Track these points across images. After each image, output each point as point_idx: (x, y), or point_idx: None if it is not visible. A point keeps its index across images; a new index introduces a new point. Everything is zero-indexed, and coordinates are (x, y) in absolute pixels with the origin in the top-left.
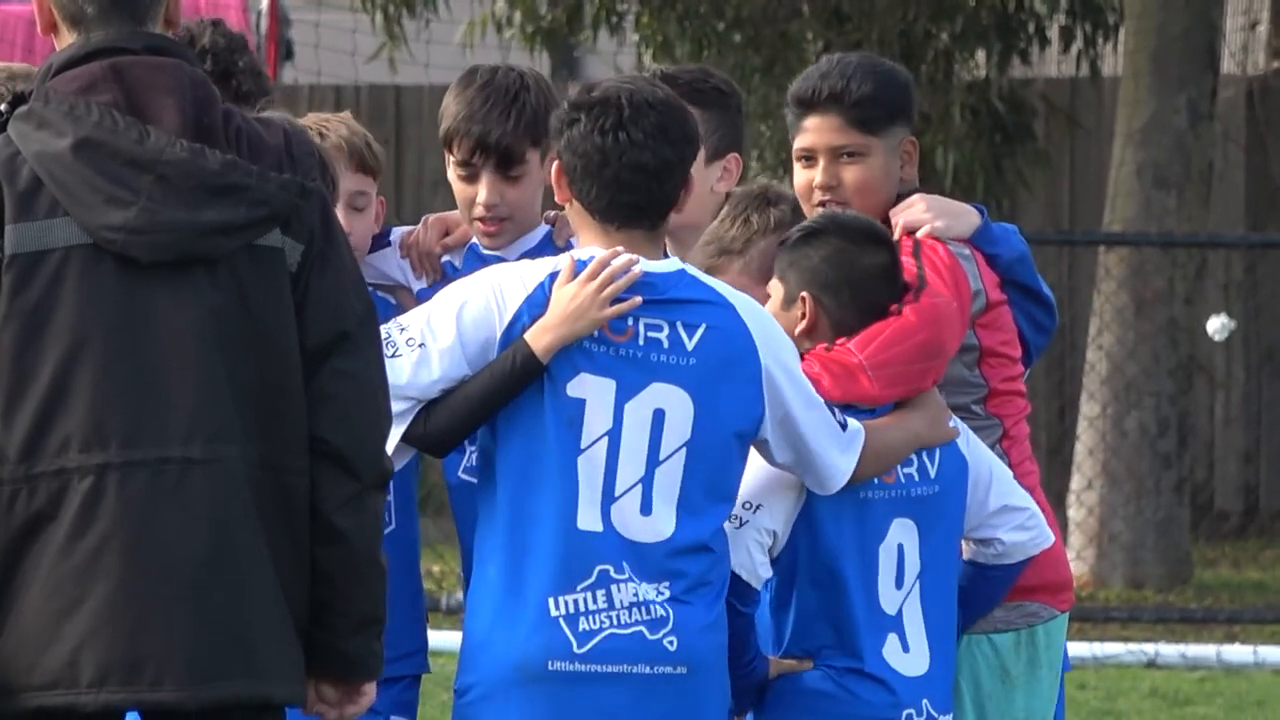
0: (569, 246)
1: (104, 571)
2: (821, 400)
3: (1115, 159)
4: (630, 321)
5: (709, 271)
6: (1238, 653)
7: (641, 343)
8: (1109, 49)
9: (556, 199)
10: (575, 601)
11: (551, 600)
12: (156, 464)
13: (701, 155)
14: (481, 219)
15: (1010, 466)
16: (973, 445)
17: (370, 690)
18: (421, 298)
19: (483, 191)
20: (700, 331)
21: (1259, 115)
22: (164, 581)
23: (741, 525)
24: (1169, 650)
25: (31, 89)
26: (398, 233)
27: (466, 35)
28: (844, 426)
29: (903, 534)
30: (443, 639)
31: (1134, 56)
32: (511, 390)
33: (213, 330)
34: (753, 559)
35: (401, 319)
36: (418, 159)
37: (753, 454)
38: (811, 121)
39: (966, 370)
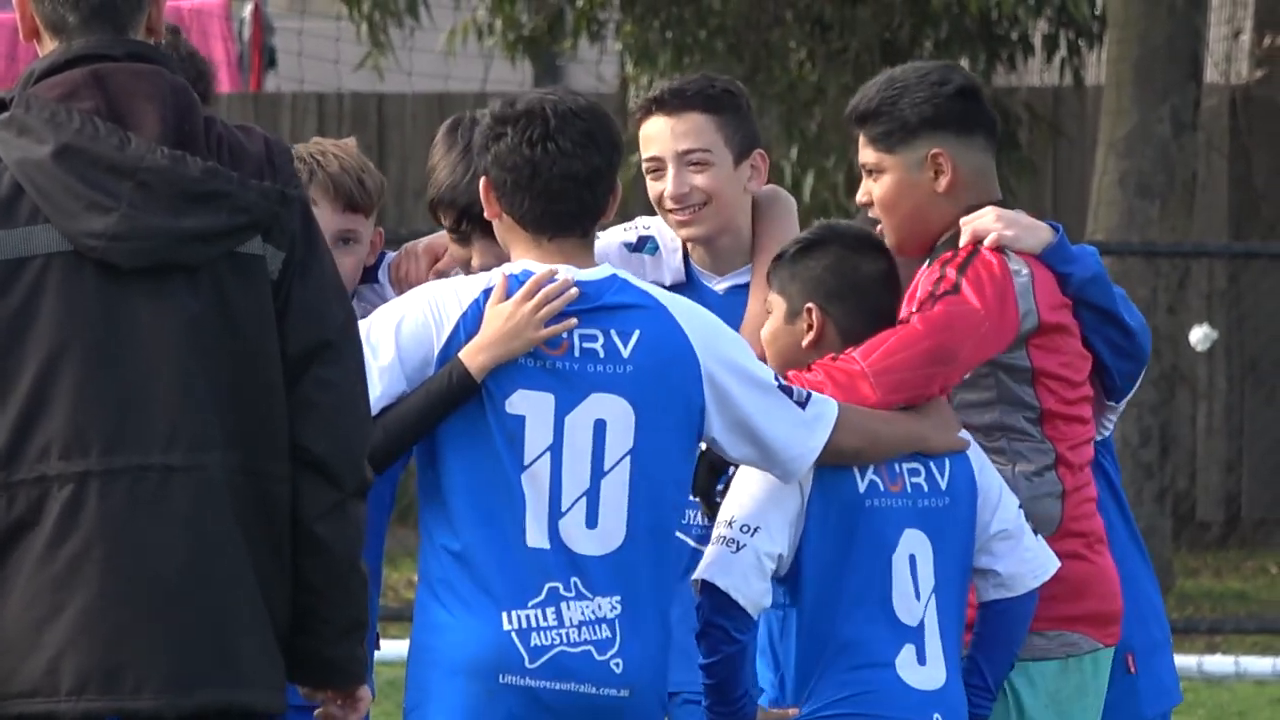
0: None
1: (84, 579)
2: (774, 384)
3: (1098, 168)
4: (565, 334)
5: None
6: (1219, 663)
7: (577, 354)
8: (1093, 58)
9: (486, 215)
10: (527, 617)
11: (505, 614)
12: (137, 471)
13: (730, 159)
14: None
15: (1064, 494)
16: (985, 464)
17: (365, 694)
18: None
19: (476, 256)
20: (635, 338)
21: (1242, 124)
22: (144, 589)
23: (739, 550)
24: None
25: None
26: (387, 260)
27: (448, 43)
28: (804, 405)
29: (915, 545)
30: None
31: (1117, 65)
32: (447, 408)
33: (193, 337)
34: (750, 586)
35: None
36: (401, 167)
37: (742, 469)
38: (859, 139)
39: (1018, 388)
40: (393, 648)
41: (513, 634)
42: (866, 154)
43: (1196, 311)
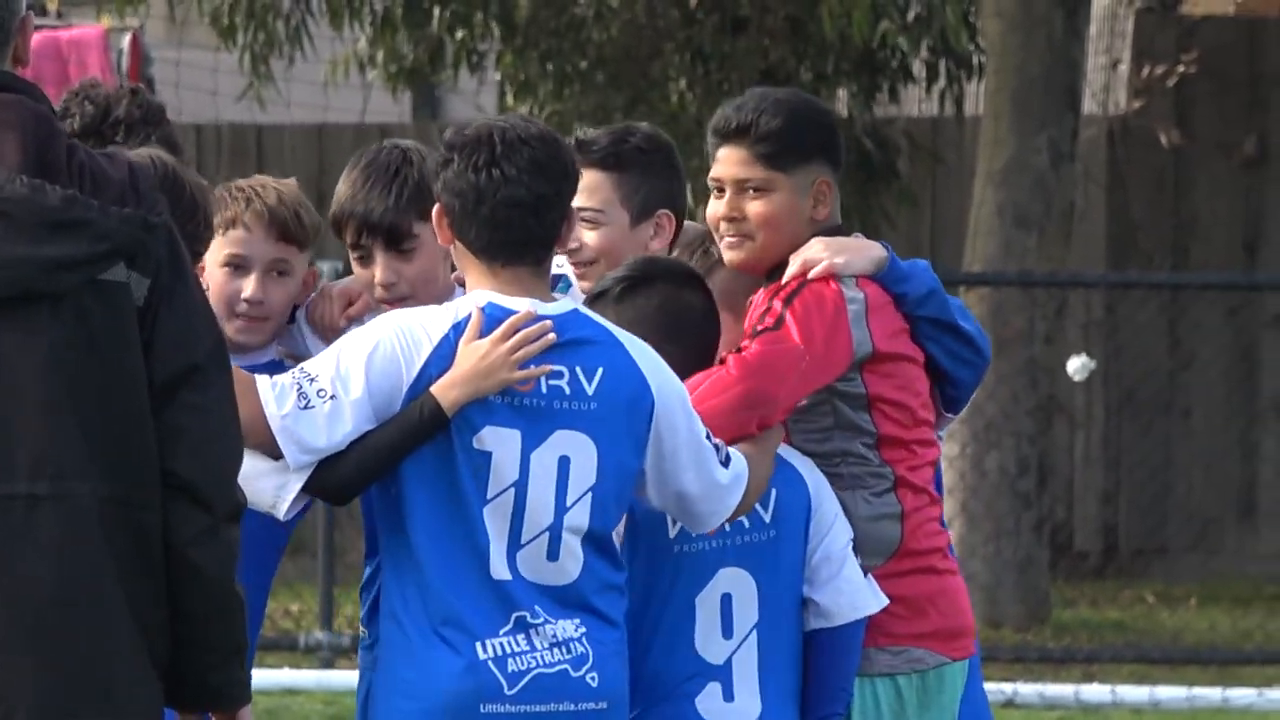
0: None
1: None
2: (706, 438)
3: (976, 198)
4: (533, 365)
5: None
6: (1096, 692)
7: (544, 390)
8: (972, 88)
9: (440, 241)
10: (501, 644)
11: (478, 644)
12: (3, 501)
13: (626, 218)
14: (383, 300)
15: (904, 515)
16: (822, 488)
17: (247, 717)
18: None
19: (378, 272)
20: (599, 375)
21: (1120, 155)
22: (14, 618)
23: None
24: (1027, 689)
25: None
26: (304, 305)
27: (330, 74)
28: (727, 462)
29: (732, 584)
30: (301, 677)
31: (995, 96)
32: (416, 442)
33: (58, 366)
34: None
35: (308, 367)
36: None
37: None
38: (722, 152)
39: (853, 414)
40: (270, 676)
41: (489, 662)
42: (751, 170)
43: (1074, 341)
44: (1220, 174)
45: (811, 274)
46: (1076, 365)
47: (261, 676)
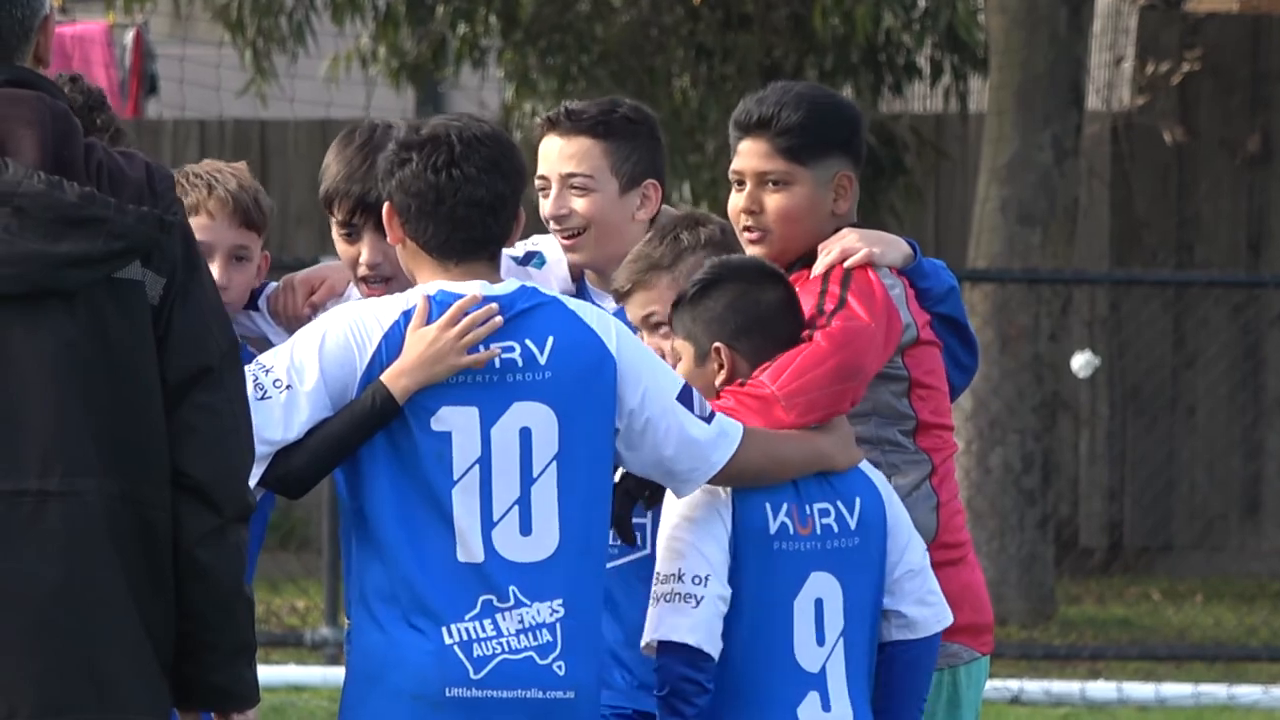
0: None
1: None
2: (680, 394)
3: (980, 195)
4: (482, 348)
5: (637, 287)
6: (1101, 689)
7: (496, 365)
8: (976, 85)
9: (389, 240)
10: (467, 629)
11: (444, 629)
12: (12, 497)
13: (615, 186)
14: (366, 279)
15: (939, 505)
16: (894, 502)
17: (252, 716)
18: None
19: (365, 251)
20: (550, 343)
21: (1124, 151)
22: (17, 615)
23: (699, 603)
24: (1033, 687)
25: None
26: (266, 293)
27: (332, 70)
28: (709, 419)
29: (822, 589)
30: (306, 674)
31: (999, 93)
32: (369, 431)
33: (70, 363)
34: (715, 635)
35: (263, 359)
36: (283, 193)
37: (677, 515)
38: (743, 145)
39: (895, 400)
40: (275, 673)
41: (455, 647)
42: (773, 163)
43: (1078, 338)
44: (1224, 171)
45: (850, 262)
46: (1081, 362)
47: (267, 673)
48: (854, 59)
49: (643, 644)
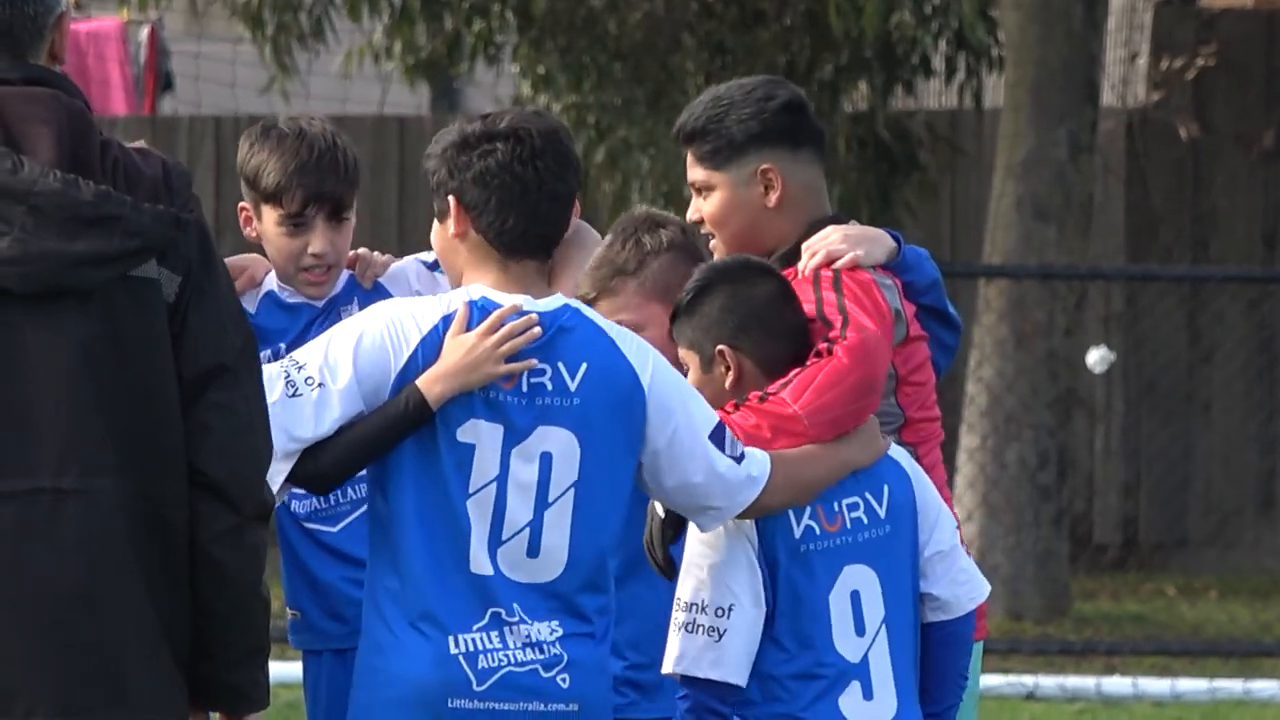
0: (376, 288)
1: None
2: (712, 431)
3: (995, 191)
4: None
5: (603, 294)
6: (1117, 684)
7: (525, 388)
8: (991, 81)
9: (453, 232)
10: (473, 640)
11: (451, 639)
12: (28, 495)
13: None
14: (310, 269)
15: None
16: (923, 482)
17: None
18: None
19: (317, 242)
20: (583, 370)
21: (1139, 147)
22: (35, 614)
23: (721, 637)
24: (1048, 682)
25: None
26: None
27: (345, 66)
28: (740, 459)
29: (858, 581)
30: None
31: (1014, 89)
32: (401, 434)
33: (85, 361)
34: (742, 664)
35: (297, 356)
36: None
37: (699, 541)
38: (687, 157)
39: (883, 400)
40: (291, 669)
41: (460, 657)
42: (695, 172)
43: (1094, 334)
44: (1239, 167)
45: (837, 265)
46: (1096, 358)
47: (284, 669)
48: (868, 55)
49: (665, 670)
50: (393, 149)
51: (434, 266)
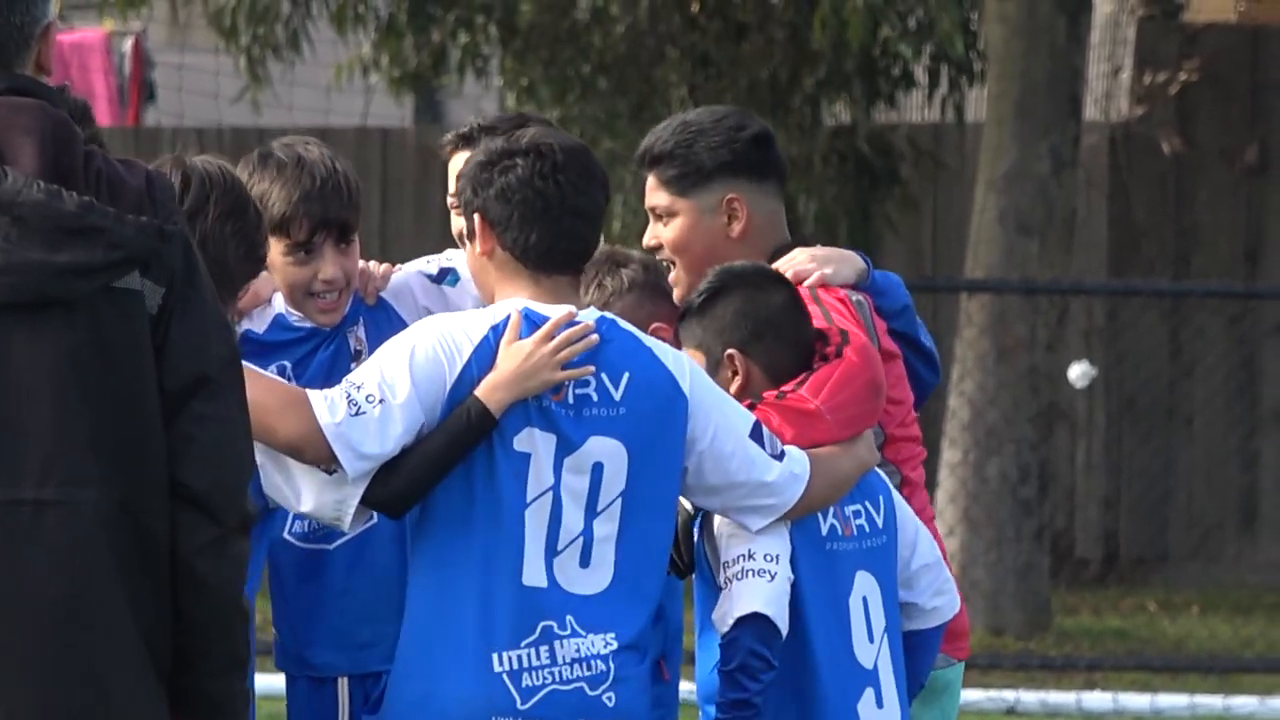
0: (382, 305)
1: None
2: (752, 433)
3: (978, 205)
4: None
5: None
6: (1098, 700)
7: (571, 400)
8: (973, 95)
9: (479, 250)
10: (519, 657)
11: (495, 656)
12: (9, 506)
13: None
14: (322, 294)
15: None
16: (898, 496)
17: None
18: None
19: (327, 269)
20: (625, 380)
21: (1121, 162)
22: (18, 625)
23: (774, 578)
24: (1029, 697)
25: None
26: None
27: (335, 78)
28: (780, 457)
29: (866, 588)
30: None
31: (997, 103)
32: (467, 446)
33: (68, 372)
34: (786, 611)
35: (353, 377)
36: None
37: (736, 525)
38: (647, 180)
39: None
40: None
41: (504, 676)
42: (658, 196)
43: (1075, 348)
44: (1222, 182)
45: (805, 284)
46: (1078, 372)
47: (268, 682)
48: (849, 69)
49: (715, 622)
50: (375, 160)
51: (437, 279)
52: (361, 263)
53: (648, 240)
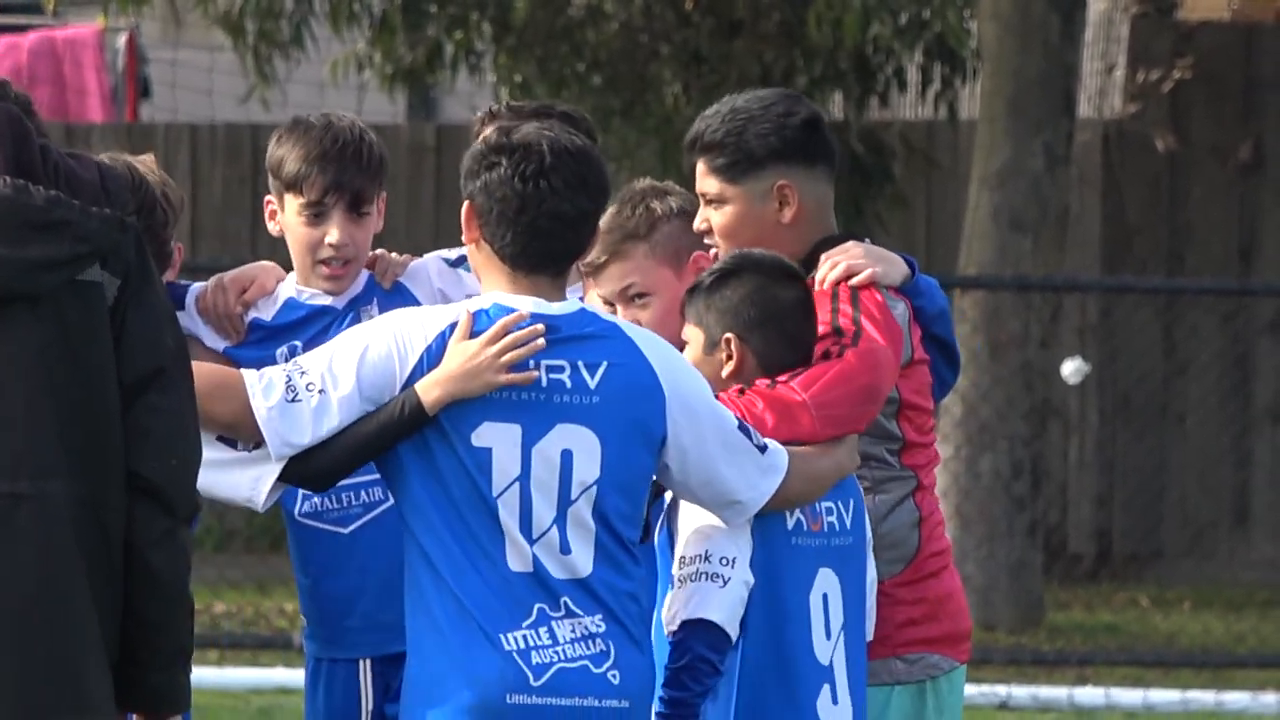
0: (397, 288)
1: None
2: (736, 426)
3: (971, 201)
4: (531, 364)
5: (613, 258)
6: (1089, 695)
7: (544, 385)
8: (966, 92)
9: (464, 239)
10: (524, 637)
11: (503, 636)
12: None
13: None
14: (328, 260)
15: (921, 520)
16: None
17: None
18: (227, 354)
19: (334, 232)
20: (602, 369)
21: (1115, 159)
22: None
23: (726, 584)
24: (1021, 692)
25: None
26: (192, 293)
27: (331, 74)
28: (763, 450)
29: (827, 584)
30: (295, 676)
31: (990, 100)
32: (396, 437)
33: (37, 366)
34: (736, 616)
35: (301, 361)
36: None
37: (701, 512)
38: (697, 166)
39: (885, 420)
40: (264, 675)
41: (514, 654)
42: (708, 183)
43: (1069, 345)
44: (1215, 179)
45: (854, 281)
46: (1071, 369)
47: (255, 675)
48: (843, 66)
49: (664, 620)
50: None
51: (456, 264)
52: (383, 251)
53: (698, 224)
